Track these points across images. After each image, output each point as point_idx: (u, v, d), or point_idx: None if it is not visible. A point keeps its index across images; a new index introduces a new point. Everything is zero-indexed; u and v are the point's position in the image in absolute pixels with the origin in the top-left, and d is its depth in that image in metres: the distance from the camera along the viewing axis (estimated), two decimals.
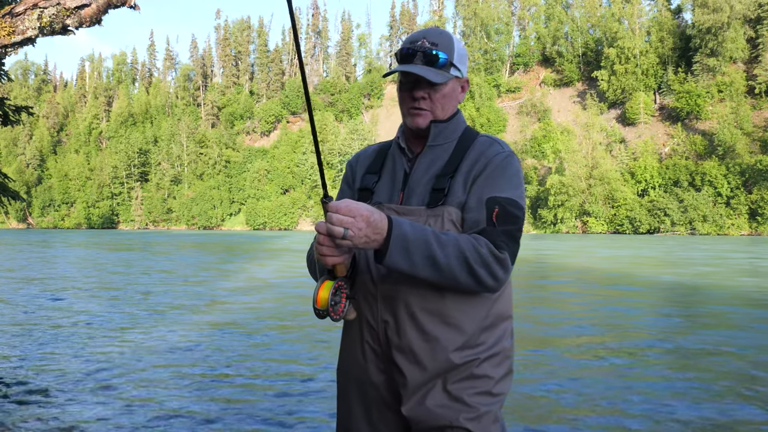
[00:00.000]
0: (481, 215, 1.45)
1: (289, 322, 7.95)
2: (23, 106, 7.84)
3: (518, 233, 1.46)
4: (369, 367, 1.55)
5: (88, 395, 4.50)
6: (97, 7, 4.34)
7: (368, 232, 1.30)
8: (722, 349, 6.34)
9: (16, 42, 4.29)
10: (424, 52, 1.51)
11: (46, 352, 6.04)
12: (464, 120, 1.63)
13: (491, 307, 1.52)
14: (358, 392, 1.59)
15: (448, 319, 1.47)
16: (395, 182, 1.59)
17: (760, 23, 68.96)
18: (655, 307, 10.14)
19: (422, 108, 1.54)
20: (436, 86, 1.53)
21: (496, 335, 1.52)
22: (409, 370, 1.48)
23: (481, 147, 1.55)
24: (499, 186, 1.47)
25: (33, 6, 4.26)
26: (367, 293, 1.53)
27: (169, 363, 5.58)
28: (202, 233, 72.42)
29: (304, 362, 5.68)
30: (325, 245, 1.35)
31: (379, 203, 1.56)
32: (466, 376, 1.48)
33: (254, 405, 4.32)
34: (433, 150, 1.57)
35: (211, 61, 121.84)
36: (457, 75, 1.56)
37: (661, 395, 4.60)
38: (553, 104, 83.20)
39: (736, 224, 60.19)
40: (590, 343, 6.71)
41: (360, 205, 1.30)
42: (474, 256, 1.37)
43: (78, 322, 7.95)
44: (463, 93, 1.62)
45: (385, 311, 1.50)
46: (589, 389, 4.76)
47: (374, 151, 1.71)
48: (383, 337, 1.51)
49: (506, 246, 1.42)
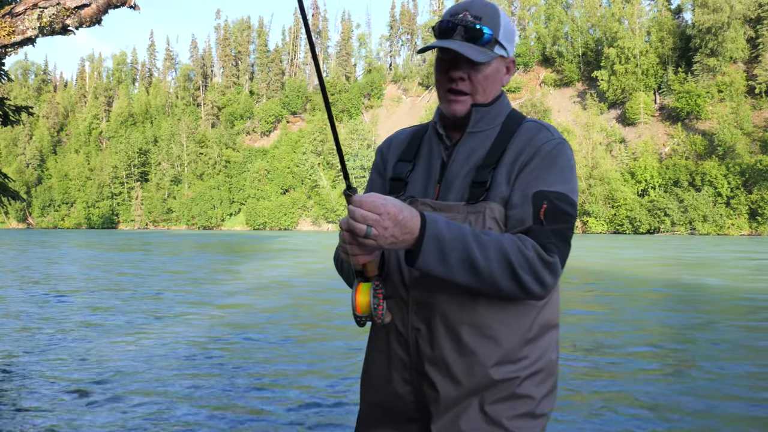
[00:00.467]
0: (526, 212, 1.28)
1: (309, 324, 7.94)
2: (23, 106, 7.84)
3: (570, 233, 1.29)
4: (394, 377, 1.40)
5: (97, 398, 4.50)
6: (97, 7, 4.34)
7: (395, 231, 1.15)
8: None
9: (16, 42, 4.29)
10: (466, 27, 1.33)
11: (56, 356, 6.03)
12: (509, 103, 1.45)
13: (536, 316, 1.35)
14: (381, 404, 1.45)
15: (487, 330, 1.31)
16: (431, 173, 1.42)
17: (760, 23, 68.91)
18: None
19: (461, 91, 1.36)
20: (478, 66, 1.35)
21: (541, 348, 1.36)
22: (443, 385, 1.32)
23: (527, 133, 1.36)
24: (548, 178, 1.30)
25: (33, 6, 4.25)
26: (396, 297, 1.37)
27: (181, 369, 5.57)
28: (203, 233, 72.42)
29: (324, 369, 5.67)
30: (353, 243, 1.21)
31: (412, 198, 1.39)
32: (506, 395, 1.32)
33: (272, 415, 4.31)
34: (473, 137, 1.39)
35: (211, 61, 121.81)
36: (502, 54, 1.38)
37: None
38: (553, 104, 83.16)
39: (736, 224, 60.16)
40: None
41: (387, 201, 1.15)
42: (519, 259, 1.21)
43: (89, 323, 7.95)
44: (508, 75, 1.43)
45: (417, 318, 1.35)
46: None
47: (408, 136, 1.53)
48: (413, 347, 1.36)
49: (556, 248, 1.25)
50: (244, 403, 4.33)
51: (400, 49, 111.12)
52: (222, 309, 9.16)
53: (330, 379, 5.00)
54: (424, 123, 1.55)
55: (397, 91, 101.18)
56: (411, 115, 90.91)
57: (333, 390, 4.68)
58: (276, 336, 6.98)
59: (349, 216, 1.15)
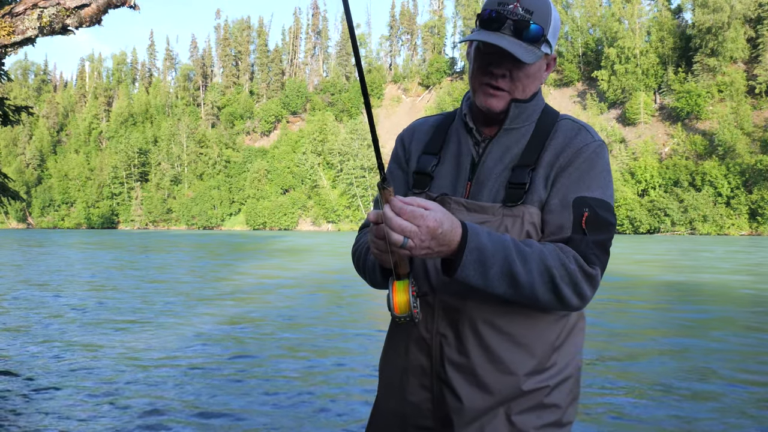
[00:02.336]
0: (566, 220, 1.20)
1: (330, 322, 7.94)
2: (23, 106, 7.83)
3: (610, 243, 1.20)
4: (411, 383, 1.32)
5: (97, 398, 4.49)
6: (97, 7, 4.33)
7: (432, 244, 1.07)
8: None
9: (16, 42, 4.28)
10: (516, 21, 1.21)
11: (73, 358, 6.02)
12: (543, 98, 1.35)
13: (566, 323, 1.29)
14: (394, 410, 1.37)
15: (520, 338, 1.24)
16: (461, 169, 1.31)
17: (760, 23, 68.92)
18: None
19: (500, 88, 1.25)
20: (523, 65, 1.24)
21: (568, 354, 1.30)
22: (468, 394, 1.24)
23: (566, 133, 1.28)
24: (588, 184, 1.22)
25: (33, 6, 4.25)
26: (421, 299, 1.28)
27: (182, 368, 5.56)
28: (204, 233, 72.41)
29: (340, 368, 5.66)
30: (383, 248, 1.14)
31: (444, 195, 1.29)
32: (534, 405, 1.25)
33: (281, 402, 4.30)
34: (508, 134, 1.30)
35: (211, 61, 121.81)
36: (547, 52, 1.26)
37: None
38: (553, 104, 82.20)
39: (736, 224, 60.16)
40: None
41: (428, 213, 1.06)
42: (561, 272, 1.14)
43: (104, 322, 7.94)
44: (548, 71, 1.33)
45: (444, 324, 1.27)
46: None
47: (432, 126, 1.42)
48: (437, 352, 1.27)
49: (598, 260, 1.18)
50: (246, 403, 4.33)
51: (400, 49, 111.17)
52: (227, 307, 9.16)
53: (338, 381, 4.99)
54: (449, 112, 1.44)
55: (397, 91, 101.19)
56: (411, 115, 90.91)
57: (341, 391, 4.68)
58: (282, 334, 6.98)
59: (386, 222, 1.05)
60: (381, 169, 1.08)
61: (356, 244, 1.43)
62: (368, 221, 1.23)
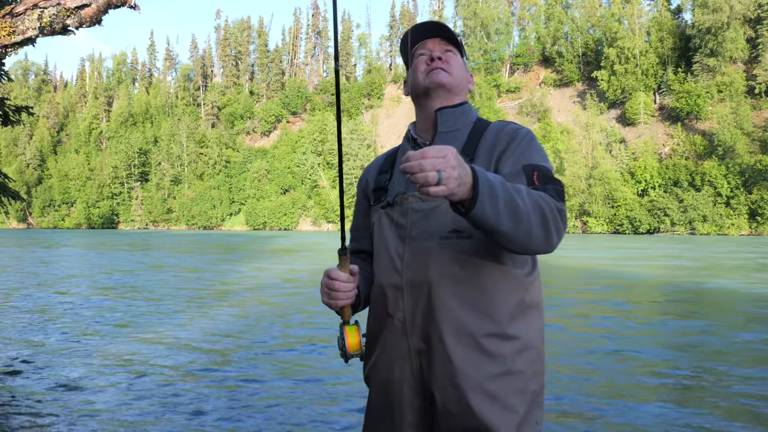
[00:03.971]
0: (521, 182, 1.35)
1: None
2: (23, 106, 7.85)
3: (564, 193, 1.37)
4: (395, 364, 1.47)
5: (98, 398, 4.51)
6: (97, 7, 4.35)
7: (461, 171, 1.13)
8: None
9: (16, 42, 4.30)
10: (439, 24, 1.55)
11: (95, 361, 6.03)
12: (475, 110, 1.60)
13: (524, 295, 1.44)
14: (384, 393, 1.51)
15: (479, 305, 1.39)
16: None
17: (760, 23, 68.87)
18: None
19: (441, 67, 1.52)
20: (450, 53, 1.55)
21: (528, 327, 1.44)
22: (441, 361, 1.40)
23: (497, 127, 1.51)
24: (531, 155, 1.41)
25: (33, 6, 4.27)
26: (390, 285, 1.47)
27: (182, 368, 5.58)
28: (205, 233, 72.38)
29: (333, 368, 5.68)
30: (340, 290, 1.40)
31: (400, 194, 1.50)
32: (501, 372, 1.39)
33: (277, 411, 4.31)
34: (444, 136, 1.52)
35: (211, 61, 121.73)
36: (463, 50, 1.59)
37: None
38: (553, 104, 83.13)
39: (736, 224, 60.14)
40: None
41: (443, 146, 1.14)
42: (548, 206, 1.27)
43: (91, 323, 7.95)
44: (470, 85, 1.61)
45: (413, 302, 1.43)
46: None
47: (384, 155, 1.70)
48: (411, 329, 1.44)
49: (560, 198, 1.33)
50: (246, 402, 4.34)
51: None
52: (231, 307, 9.18)
53: (337, 382, 5.01)
54: (398, 145, 1.69)
55: (397, 91, 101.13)
56: (410, 115, 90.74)
57: (343, 388, 4.69)
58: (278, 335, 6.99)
59: (418, 169, 1.11)
60: (342, 240, 1.38)
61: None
62: (327, 276, 1.44)
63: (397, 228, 1.48)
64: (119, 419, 3.93)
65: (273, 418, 3.99)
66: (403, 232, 1.46)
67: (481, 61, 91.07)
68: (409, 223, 1.45)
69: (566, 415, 4.09)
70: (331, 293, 1.41)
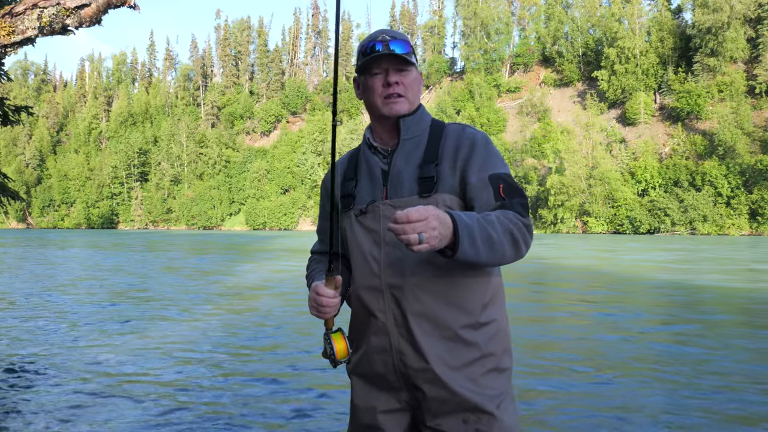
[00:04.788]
0: (489, 194, 1.51)
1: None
2: (23, 106, 7.83)
3: (527, 203, 1.53)
4: (375, 359, 1.60)
5: (96, 397, 4.48)
6: (97, 7, 4.32)
7: (441, 229, 1.30)
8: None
9: (16, 42, 4.27)
10: (387, 43, 1.57)
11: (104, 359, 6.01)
12: (428, 111, 1.69)
13: (489, 285, 1.58)
14: (367, 373, 1.64)
15: (451, 299, 1.53)
16: (375, 181, 1.62)
17: (760, 23, 68.84)
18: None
19: (398, 93, 1.58)
20: (406, 71, 1.59)
21: (496, 310, 1.59)
22: (415, 354, 1.53)
23: (455, 132, 1.61)
24: (493, 164, 1.55)
25: (33, 6, 4.24)
26: (370, 288, 1.58)
27: (183, 368, 5.55)
28: (205, 233, 72.37)
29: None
30: (327, 305, 1.52)
31: (371, 202, 1.59)
32: (476, 357, 1.54)
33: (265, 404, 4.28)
34: (407, 143, 1.62)
35: (211, 61, 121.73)
36: (416, 64, 1.63)
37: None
38: (553, 104, 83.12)
39: (736, 224, 60.11)
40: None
41: (425, 208, 1.30)
42: (515, 228, 1.43)
43: (91, 323, 7.92)
44: (421, 85, 1.67)
45: (393, 304, 1.55)
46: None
47: (346, 159, 1.75)
48: (393, 328, 1.55)
49: (526, 212, 1.50)
50: (245, 403, 4.31)
51: None
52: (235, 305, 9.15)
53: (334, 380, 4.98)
54: (355, 147, 1.77)
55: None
56: None
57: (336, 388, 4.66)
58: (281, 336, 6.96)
59: (402, 231, 1.27)
60: (330, 263, 1.53)
61: (308, 270, 1.78)
62: (313, 290, 1.56)
63: (371, 233, 1.58)
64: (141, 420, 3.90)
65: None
66: (377, 237, 1.57)
67: (481, 61, 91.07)
68: (383, 229, 1.56)
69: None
70: (319, 308, 1.54)
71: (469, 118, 79.60)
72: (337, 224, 1.67)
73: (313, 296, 1.55)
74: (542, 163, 74.47)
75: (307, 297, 1.62)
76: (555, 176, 68.36)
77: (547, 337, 7.04)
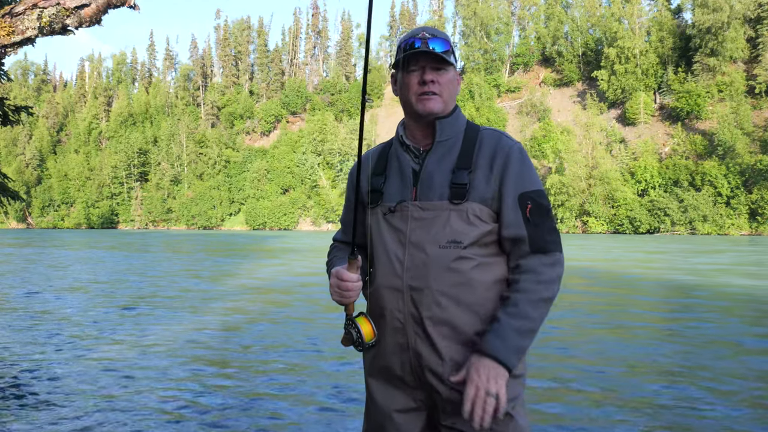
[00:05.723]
0: (518, 216, 1.53)
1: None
2: (23, 106, 7.83)
3: (555, 222, 1.56)
4: (392, 360, 1.61)
5: (96, 398, 4.48)
6: (96, 7, 4.32)
7: (495, 377, 1.45)
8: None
9: (16, 42, 4.27)
10: (427, 41, 1.57)
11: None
12: (463, 114, 1.69)
13: (501, 291, 1.59)
14: (384, 386, 1.66)
15: (470, 305, 1.54)
16: (405, 180, 1.61)
17: (760, 23, 68.84)
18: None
19: (433, 92, 1.57)
20: (443, 70, 1.58)
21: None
22: (432, 352, 1.56)
23: (492, 140, 1.60)
24: (527, 179, 1.56)
25: (33, 6, 4.24)
26: (390, 287, 1.58)
27: (183, 368, 5.55)
28: (205, 233, 72.36)
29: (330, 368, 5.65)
30: (351, 290, 1.53)
31: (400, 202, 1.59)
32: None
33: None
34: (441, 145, 1.60)
35: (211, 61, 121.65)
36: (454, 64, 1.62)
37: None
38: (553, 104, 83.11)
39: (736, 224, 60.12)
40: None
41: (472, 388, 1.44)
42: (544, 286, 1.49)
43: (91, 323, 7.92)
44: (458, 87, 1.66)
45: (412, 304, 1.56)
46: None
47: (376, 153, 1.73)
48: (410, 329, 1.57)
49: (553, 243, 1.53)
50: (248, 402, 4.32)
51: None
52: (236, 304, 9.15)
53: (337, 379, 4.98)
54: (388, 140, 1.76)
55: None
56: None
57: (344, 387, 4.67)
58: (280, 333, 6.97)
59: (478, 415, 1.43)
60: (353, 247, 1.55)
61: (329, 257, 1.78)
62: (335, 274, 1.58)
63: (397, 233, 1.58)
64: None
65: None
66: (402, 237, 1.56)
67: (481, 60, 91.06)
68: (409, 230, 1.55)
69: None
70: (342, 293, 1.54)
71: (468, 118, 78.77)
72: (360, 215, 1.69)
73: (334, 281, 1.56)
74: (542, 163, 74.46)
75: (327, 285, 1.63)
76: (555, 176, 68.37)
77: (559, 348, 7.04)
